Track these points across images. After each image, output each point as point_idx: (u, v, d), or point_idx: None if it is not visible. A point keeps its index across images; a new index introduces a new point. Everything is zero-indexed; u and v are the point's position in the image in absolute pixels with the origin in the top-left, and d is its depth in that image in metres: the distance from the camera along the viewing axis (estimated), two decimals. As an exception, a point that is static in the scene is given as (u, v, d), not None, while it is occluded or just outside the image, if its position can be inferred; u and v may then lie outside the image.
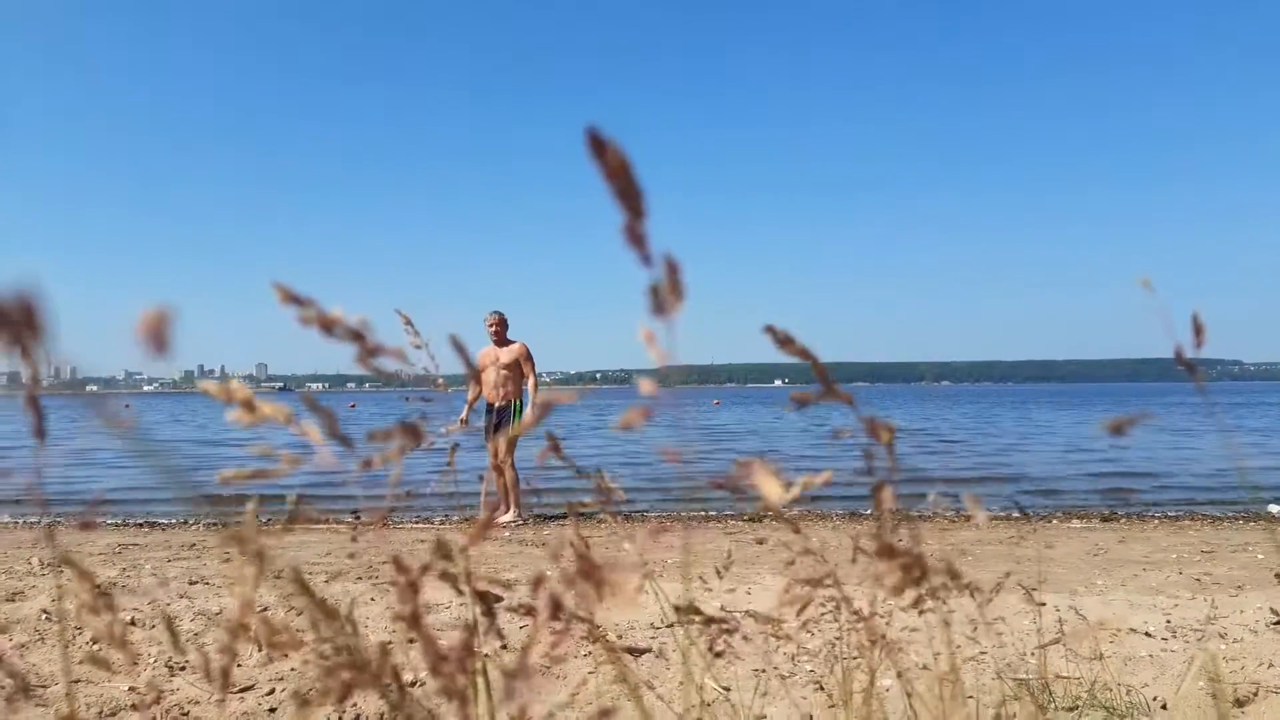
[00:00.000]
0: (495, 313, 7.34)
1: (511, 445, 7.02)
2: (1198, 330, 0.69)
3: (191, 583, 4.51)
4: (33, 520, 7.58)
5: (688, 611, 0.76)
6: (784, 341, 0.68)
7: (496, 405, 7.29)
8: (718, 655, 0.85)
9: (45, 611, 3.85)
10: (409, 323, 0.87)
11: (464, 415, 7.32)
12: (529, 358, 7.32)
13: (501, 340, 7.33)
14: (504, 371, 7.24)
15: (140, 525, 7.60)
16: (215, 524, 7.39)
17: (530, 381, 7.34)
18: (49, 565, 4.85)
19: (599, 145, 0.43)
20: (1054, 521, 7.40)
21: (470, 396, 7.25)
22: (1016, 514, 7.92)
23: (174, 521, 7.83)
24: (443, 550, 0.68)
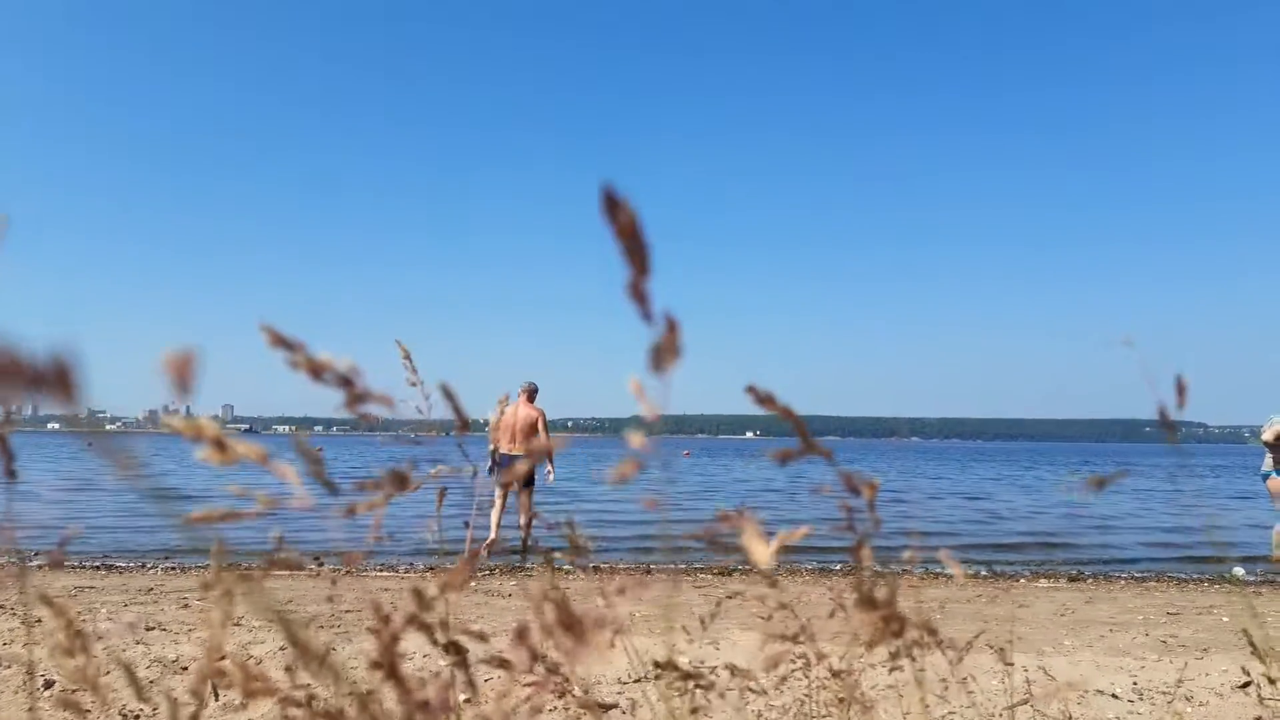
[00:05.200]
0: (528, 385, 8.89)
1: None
2: (1180, 391, 0.71)
3: (148, 628, 4.37)
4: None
5: (666, 666, 0.76)
6: (764, 400, 0.69)
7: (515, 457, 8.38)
8: (693, 712, 0.85)
9: (-9, 657, 3.70)
10: (408, 357, 0.87)
11: (490, 465, 8.06)
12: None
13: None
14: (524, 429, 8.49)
15: (97, 568, 7.37)
16: (205, 567, 7.21)
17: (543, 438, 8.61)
18: (3, 608, 4.68)
19: (613, 204, 0.44)
20: (1022, 580, 7.42)
21: (490, 448, 8.08)
22: (985, 572, 7.94)
23: (131, 565, 7.60)
24: (419, 599, 0.68)
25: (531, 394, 8.78)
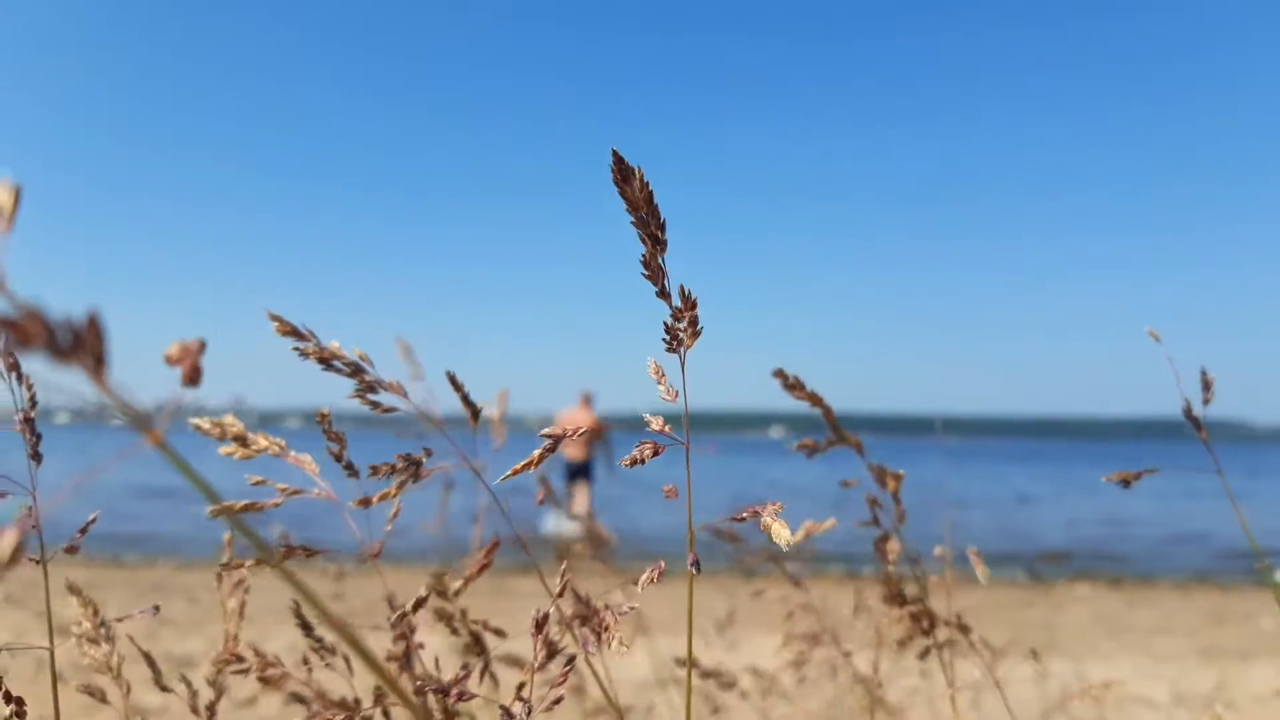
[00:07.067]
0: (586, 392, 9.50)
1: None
2: (1206, 385, 0.69)
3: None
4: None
5: (688, 664, 0.74)
6: (792, 386, 0.68)
7: (577, 460, 9.19)
8: (714, 713, 0.83)
9: (6, 647, 3.78)
10: (409, 353, 0.86)
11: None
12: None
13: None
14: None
15: (106, 563, 7.49)
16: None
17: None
18: (10, 600, 4.78)
19: (624, 171, 0.43)
20: (1060, 585, 7.29)
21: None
22: (1022, 576, 7.81)
23: (139, 561, 7.72)
24: (435, 591, 0.67)
25: (589, 400, 9.26)
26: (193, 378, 0.42)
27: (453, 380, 0.55)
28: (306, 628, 0.59)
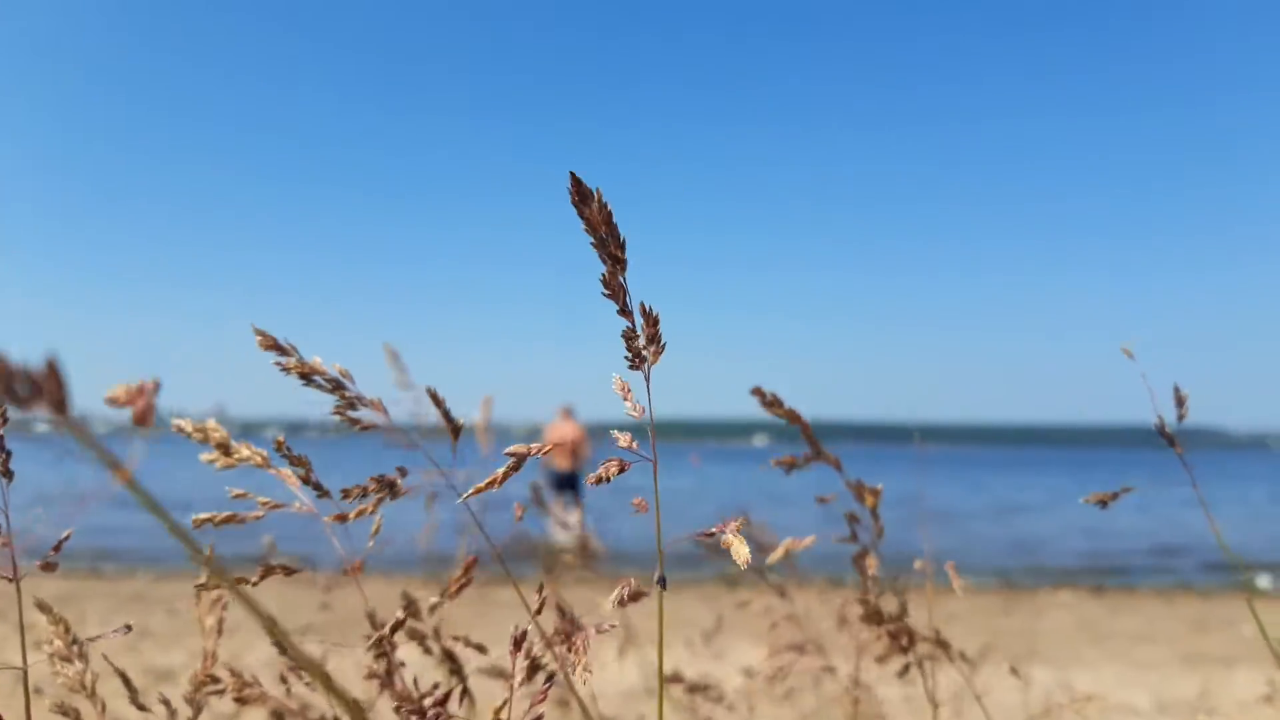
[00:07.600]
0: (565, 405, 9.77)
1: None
2: (1179, 402, 0.70)
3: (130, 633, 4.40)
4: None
5: (673, 679, 0.74)
6: (770, 403, 0.68)
7: (565, 471, 9.30)
8: (698, 723, 0.83)
9: None
10: (396, 359, 0.86)
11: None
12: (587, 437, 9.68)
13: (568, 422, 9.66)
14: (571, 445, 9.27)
15: (85, 574, 7.40)
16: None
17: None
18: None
19: (582, 193, 0.43)
20: (1043, 592, 7.32)
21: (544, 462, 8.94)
22: (1002, 585, 7.85)
23: (119, 571, 7.63)
24: (410, 606, 0.67)
25: (569, 412, 9.55)
26: (143, 419, 0.42)
27: (433, 396, 0.55)
28: (284, 650, 0.59)
